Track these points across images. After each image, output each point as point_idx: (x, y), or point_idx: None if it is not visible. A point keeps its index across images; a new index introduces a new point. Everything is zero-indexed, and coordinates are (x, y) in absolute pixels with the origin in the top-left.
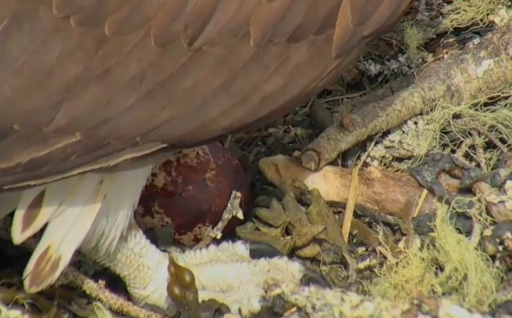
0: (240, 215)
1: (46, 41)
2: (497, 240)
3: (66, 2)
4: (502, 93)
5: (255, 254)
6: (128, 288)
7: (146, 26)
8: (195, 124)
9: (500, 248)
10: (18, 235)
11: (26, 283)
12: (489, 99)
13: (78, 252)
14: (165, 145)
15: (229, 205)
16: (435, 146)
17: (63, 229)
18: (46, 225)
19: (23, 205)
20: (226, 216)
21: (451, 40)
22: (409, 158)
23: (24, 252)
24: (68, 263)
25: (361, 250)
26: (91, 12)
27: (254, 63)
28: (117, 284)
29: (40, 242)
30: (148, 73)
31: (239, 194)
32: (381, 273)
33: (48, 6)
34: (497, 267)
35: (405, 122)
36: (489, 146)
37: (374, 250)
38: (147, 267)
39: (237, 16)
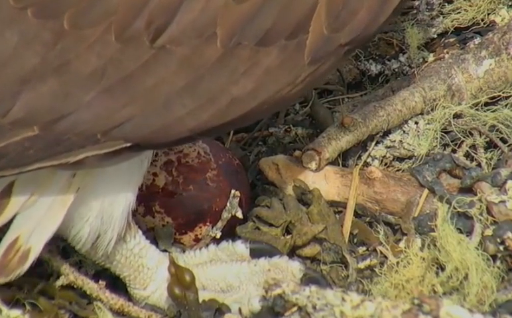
0: (239, 214)
1: (3, 31)
2: (498, 240)
3: None
4: (503, 92)
5: (255, 254)
6: (128, 289)
7: (107, 21)
8: (159, 124)
9: (501, 247)
10: None
11: None
12: (490, 98)
13: (78, 253)
14: (128, 144)
15: (228, 204)
16: (436, 145)
17: (33, 220)
18: (14, 215)
19: None
20: (225, 215)
21: (452, 39)
22: (410, 157)
23: None
24: (38, 255)
25: (361, 249)
26: (49, 4)
27: (221, 65)
28: (117, 284)
29: (8, 232)
30: (109, 69)
31: (238, 193)
32: (381, 273)
33: None
34: (498, 267)
35: (406, 121)
36: (490, 145)
37: (374, 250)
38: (147, 267)
39: (202, 16)
